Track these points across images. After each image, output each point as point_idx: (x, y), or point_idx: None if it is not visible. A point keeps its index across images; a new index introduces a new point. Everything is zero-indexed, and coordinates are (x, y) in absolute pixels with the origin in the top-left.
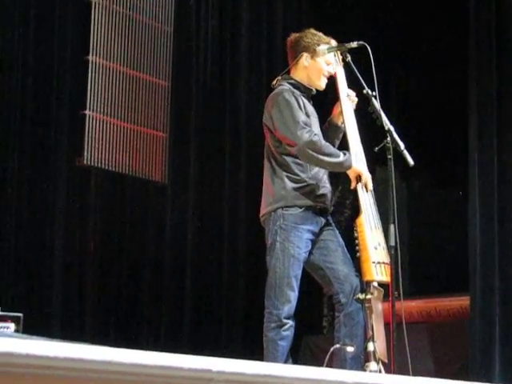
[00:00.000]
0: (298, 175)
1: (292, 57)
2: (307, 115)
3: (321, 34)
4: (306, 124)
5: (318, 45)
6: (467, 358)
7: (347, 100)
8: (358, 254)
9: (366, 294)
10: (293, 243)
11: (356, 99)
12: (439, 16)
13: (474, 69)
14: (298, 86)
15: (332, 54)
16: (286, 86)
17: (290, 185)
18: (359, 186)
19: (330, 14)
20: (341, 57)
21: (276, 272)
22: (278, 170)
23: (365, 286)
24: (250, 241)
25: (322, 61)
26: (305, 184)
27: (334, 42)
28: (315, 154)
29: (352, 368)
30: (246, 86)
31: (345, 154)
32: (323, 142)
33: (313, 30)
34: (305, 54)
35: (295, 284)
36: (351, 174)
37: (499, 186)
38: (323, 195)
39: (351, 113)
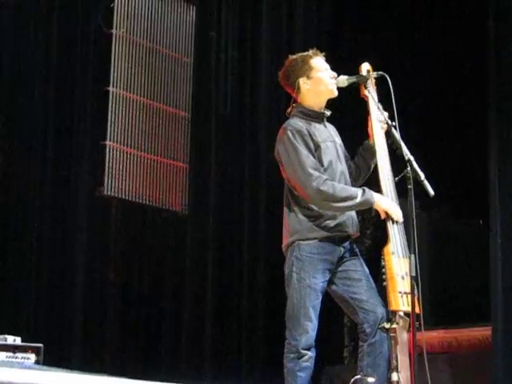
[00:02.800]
0: (310, 208)
1: (292, 90)
2: (317, 145)
3: (303, 53)
4: (314, 169)
5: (305, 63)
6: None
7: (379, 127)
8: (384, 284)
9: (391, 324)
10: (308, 273)
11: (385, 124)
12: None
13: (493, 95)
14: (309, 112)
15: (321, 59)
16: (295, 117)
17: (303, 218)
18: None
19: (349, 48)
20: (374, 80)
21: (293, 303)
22: (292, 202)
23: (390, 316)
24: (270, 270)
25: (318, 73)
26: (318, 216)
27: (315, 52)
28: (329, 204)
29: None
30: (266, 116)
31: (364, 192)
32: (336, 186)
33: (290, 56)
34: (300, 80)
35: (313, 314)
36: (377, 208)
37: None
38: (341, 224)
39: (383, 141)
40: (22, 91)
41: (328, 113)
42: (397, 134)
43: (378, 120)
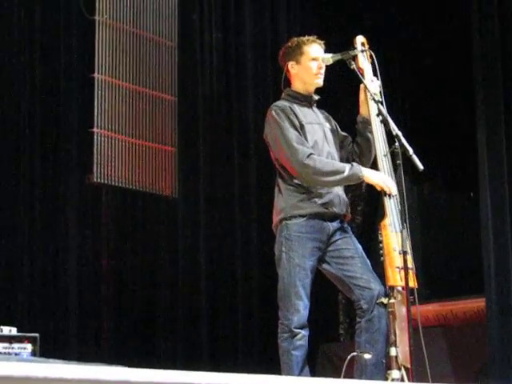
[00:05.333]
0: (296, 186)
1: (284, 70)
2: (301, 125)
3: (302, 37)
4: (299, 143)
5: (298, 48)
6: (486, 359)
7: (372, 101)
8: (381, 259)
9: (389, 299)
10: (297, 252)
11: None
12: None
13: (479, 68)
14: (297, 96)
15: (316, 48)
16: (282, 99)
17: (288, 196)
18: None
19: (333, 23)
20: (369, 53)
21: (284, 283)
22: (280, 182)
23: (388, 291)
24: (264, 250)
25: (307, 60)
26: (304, 193)
27: (313, 39)
28: (316, 177)
29: (372, 375)
30: (253, 96)
31: (352, 166)
32: (322, 160)
33: (293, 38)
34: (289, 63)
35: (303, 293)
36: (369, 182)
37: (510, 186)
38: (329, 202)
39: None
40: (5, 82)
41: (316, 97)
42: (384, 110)
43: (372, 93)
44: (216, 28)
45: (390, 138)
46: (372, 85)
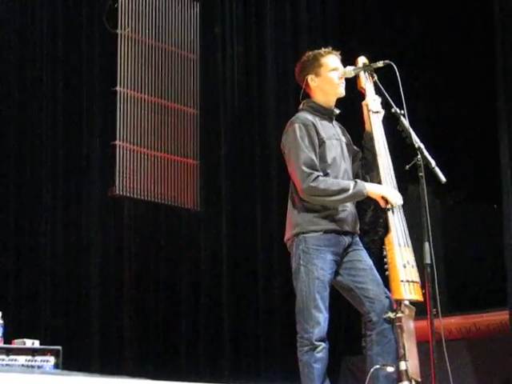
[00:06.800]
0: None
1: (302, 86)
2: (322, 141)
3: (317, 50)
4: (308, 166)
5: (316, 60)
6: (510, 373)
7: (375, 117)
8: (387, 273)
9: (396, 313)
10: (316, 265)
11: (382, 110)
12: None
13: (501, 81)
14: (318, 108)
15: (334, 58)
16: (304, 111)
17: (304, 211)
18: (388, 205)
19: (356, 38)
20: (369, 75)
21: (302, 296)
22: (295, 196)
23: (395, 305)
24: (285, 263)
25: (327, 71)
26: (319, 210)
27: (329, 51)
28: (321, 198)
29: None
30: (274, 109)
31: (356, 183)
32: (327, 180)
33: (307, 53)
34: (309, 77)
35: (322, 306)
36: (373, 197)
37: None
38: (342, 219)
39: (380, 130)
40: (29, 96)
41: (337, 111)
42: (406, 123)
43: (374, 110)
44: (238, 41)
45: (413, 151)
46: (374, 103)
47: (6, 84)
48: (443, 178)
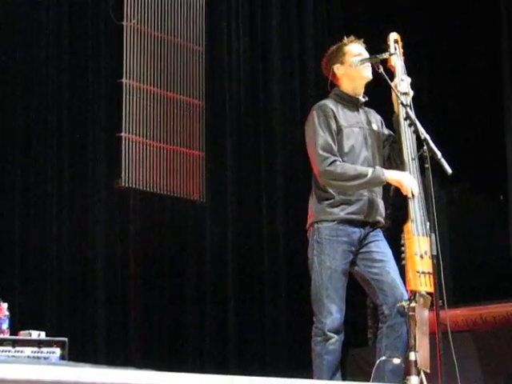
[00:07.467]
0: (325, 191)
1: (330, 77)
2: (339, 129)
3: (341, 41)
4: (325, 150)
5: (340, 50)
6: None
7: (403, 97)
8: (403, 262)
9: (410, 302)
10: (328, 256)
11: (411, 91)
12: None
13: (508, 73)
14: (344, 96)
15: (357, 45)
16: (329, 98)
17: (319, 200)
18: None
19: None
20: (401, 50)
21: (316, 286)
22: (313, 185)
23: (409, 295)
24: (290, 254)
25: (351, 57)
26: (331, 199)
27: (352, 39)
28: (338, 183)
29: (391, 381)
30: (280, 101)
31: (374, 169)
32: (344, 165)
33: (331, 46)
34: (334, 66)
35: (335, 296)
36: (391, 182)
37: None
38: (357, 209)
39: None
40: (34, 87)
41: (363, 99)
42: (412, 114)
43: (402, 91)
44: (243, 33)
45: (419, 142)
46: (402, 84)
47: (10, 75)
48: (449, 170)
